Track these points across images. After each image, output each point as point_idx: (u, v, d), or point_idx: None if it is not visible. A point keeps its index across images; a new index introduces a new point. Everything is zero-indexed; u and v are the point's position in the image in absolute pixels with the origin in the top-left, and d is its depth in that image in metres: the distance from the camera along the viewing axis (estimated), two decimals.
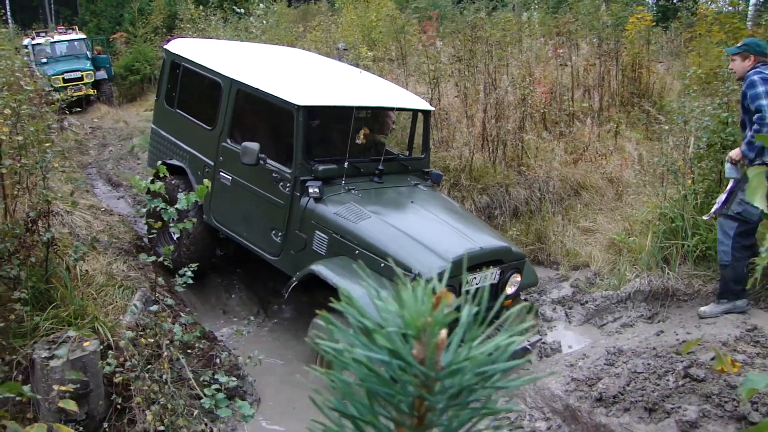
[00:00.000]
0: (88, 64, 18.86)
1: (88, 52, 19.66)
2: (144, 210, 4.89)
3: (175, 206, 4.51)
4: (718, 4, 14.80)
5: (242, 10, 14.70)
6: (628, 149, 9.82)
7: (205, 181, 4.60)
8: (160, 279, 4.99)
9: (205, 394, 3.51)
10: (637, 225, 7.10)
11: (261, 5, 13.03)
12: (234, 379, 3.81)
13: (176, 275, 4.79)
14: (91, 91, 18.48)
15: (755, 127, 5.34)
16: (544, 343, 5.85)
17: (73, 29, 21.08)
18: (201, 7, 16.45)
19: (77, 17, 33.25)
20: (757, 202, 1.25)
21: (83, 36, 20.66)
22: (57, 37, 19.30)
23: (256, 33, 12.24)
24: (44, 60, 18.21)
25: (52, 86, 15.84)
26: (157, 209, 4.53)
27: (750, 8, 14.84)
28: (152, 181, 4.53)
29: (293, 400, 5.27)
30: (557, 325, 6.40)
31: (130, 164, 12.13)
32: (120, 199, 9.87)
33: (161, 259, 4.64)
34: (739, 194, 5.47)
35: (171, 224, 4.57)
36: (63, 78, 17.46)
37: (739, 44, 5.76)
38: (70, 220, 6.81)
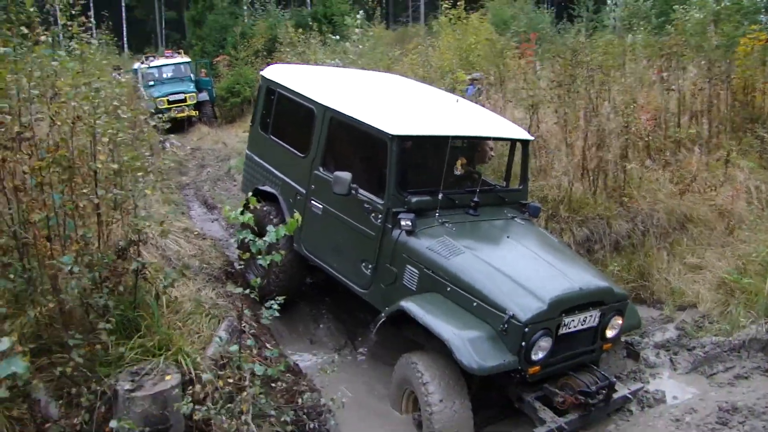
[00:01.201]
0: (192, 86, 19.49)
1: (192, 75, 20.29)
2: (233, 240, 4.84)
3: (264, 239, 4.42)
4: None
5: (337, 37, 14.79)
6: (740, 179, 9.21)
7: (296, 214, 4.50)
8: (246, 311, 4.89)
9: None
10: (752, 264, 6.58)
11: (357, 30, 13.03)
12: None
13: (263, 307, 4.70)
14: (193, 113, 19.05)
15: None
16: (646, 391, 5.44)
17: (179, 53, 21.82)
18: (300, 30, 16.67)
19: (185, 41, 34.53)
20: None
21: (188, 59, 21.34)
22: (163, 61, 20.00)
23: (353, 57, 12.24)
24: (151, 83, 18.94)
25: (156, 108, 16.44)
26: (246, 240, 4.45)
27: None
28: (242, 213, 4.45)
29: None
30: (661, 371, 5.96)
31: (227, 185, 12.32)
32: (214, 222, 9.97)
33: (248, 291, 4.54)
34: None
35: (259, 257, 4.47)
36: (168, 100, 18.07)
37: None
38: (163, 244, 6.86)
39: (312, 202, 6.19)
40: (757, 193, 8.48)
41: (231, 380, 4.26)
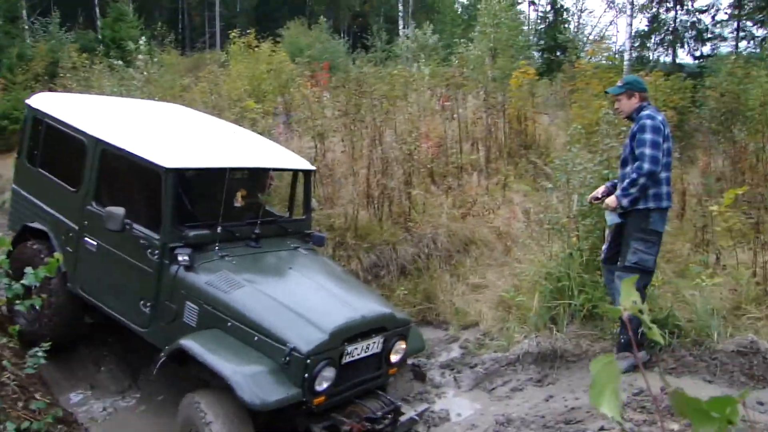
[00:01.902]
0: None
1: None
2: None
3: (21, 282, 4.09)
4: (597, 58, 15.49)
5: (120, 62, 14.14)
6: (516, 201, 9.87)
7: (56, 254, 4.21)
8: (5, 362, 4.47)
9: None
10: (525, 282, 7.03)
11: (141, 56, 12.54)
12: None
13: (27, 355, 4.33)
14: None
15: (633, 175, 5.37)
16: (432, 411, 5.60)
17: None
18: (85, 55, 15.80)
19: None
20: (605, 405, 1.03)
21: None
22: None
23: (137, 85, 11.74)
24: None
25: None
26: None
27: (625, 64, 15.60)
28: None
29: None
30: (446, 390, 6.16)
31: (0, 221, 11.32)
32: None
33: (5, 340, 4.16)
34: (632, 243, 5.47)
35: (16, 302, 4.12)
36: None
37: (620, 84, 5.79)
38: None
39: (86, 239, 5.81)
40: (529, 215, 9.07)
41: None
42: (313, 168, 6.51)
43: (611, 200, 5.58)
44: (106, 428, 5.39)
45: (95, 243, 5.72)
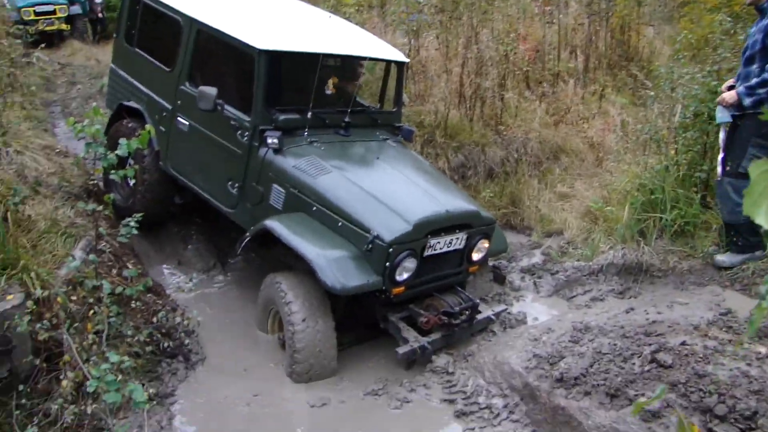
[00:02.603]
0: None
1: None
2: (81, 155, 4.55)
3: (116, 152, 4.18)
4: None
5: None
6: (612, 114, 9.49)
7: (147, 126, 4.29)
8: (101, 229, 4.62)
9: (92, 375, 3.20)
10: (615, 194, 6.81)
11: None
12: (126, 359, 3.40)
13: (121, 225, 4.48)
14: (64, 26, 17.75)
15: (765, 75, 4.96)
16: (509, 313, 5.56)
17: None
18: None
19: None
20: (762, 217, 0.92)
21: None
22: None
23: None
24: None
25: (22, 18, 15.22)
26: (97, 155, 4.22)
27: None
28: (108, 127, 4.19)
29: (245, 362, 5.00)
30: (525, 294, 6.11)
31: (99, 103, 11.57)
32: (81, 140, 9.40)
33: (101, 208, 4.30)
34: (749, 149, 5.11)
35: (111, 172, 4.24)
36: (34, 11, 16.76)
37: None
38: (20, 161, 6.41)
39: (178, 119, 5.89)
40: (626, 127, 8.72)
41: (75, 298, 4.04)
42: (407, 60, 6.35)
43: (730, 95, 5.13)
44: (190, 300, 5.61)
45: (187, 123, 5.81)
